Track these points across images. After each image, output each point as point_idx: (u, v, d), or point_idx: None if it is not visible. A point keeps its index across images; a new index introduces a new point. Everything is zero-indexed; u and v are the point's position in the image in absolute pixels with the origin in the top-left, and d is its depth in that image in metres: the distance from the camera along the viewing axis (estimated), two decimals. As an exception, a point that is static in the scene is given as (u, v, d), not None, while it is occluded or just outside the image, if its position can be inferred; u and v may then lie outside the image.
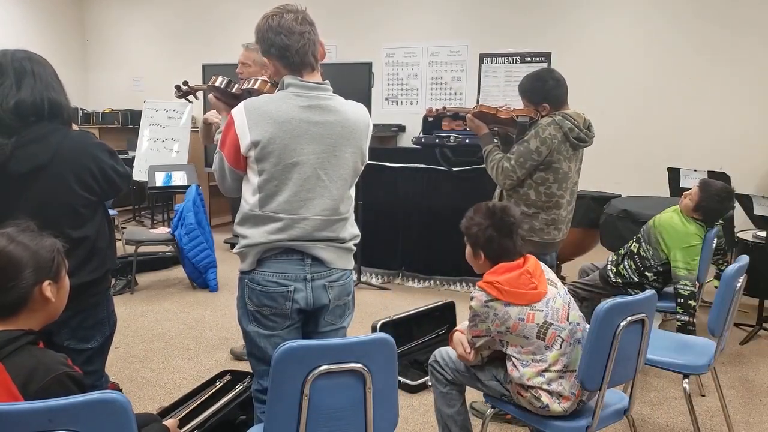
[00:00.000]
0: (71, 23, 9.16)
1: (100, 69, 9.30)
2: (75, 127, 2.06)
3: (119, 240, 5.82)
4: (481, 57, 7.20)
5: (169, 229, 5.22)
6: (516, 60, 6.99)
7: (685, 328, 3.08)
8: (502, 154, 2.87)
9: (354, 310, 2.15)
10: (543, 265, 2.15)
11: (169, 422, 1.78)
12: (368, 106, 5.81)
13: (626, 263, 3.37)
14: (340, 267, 2.01)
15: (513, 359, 2.07)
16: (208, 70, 6.38)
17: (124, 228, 6.21)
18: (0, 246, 1.44)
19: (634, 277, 3.32)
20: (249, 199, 1.93)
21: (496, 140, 3.03)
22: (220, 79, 2.21)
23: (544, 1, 6.84)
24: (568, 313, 2.07)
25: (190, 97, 3.08)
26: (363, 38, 7.67)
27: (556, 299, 2.06)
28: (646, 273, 3.29)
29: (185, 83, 3.14)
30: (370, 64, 5.84)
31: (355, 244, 2.07)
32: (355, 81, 5.84)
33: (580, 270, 3.73)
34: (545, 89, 2.85)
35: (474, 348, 2.16)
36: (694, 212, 3.26)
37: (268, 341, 1.97)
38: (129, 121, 8.61)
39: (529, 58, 6.91)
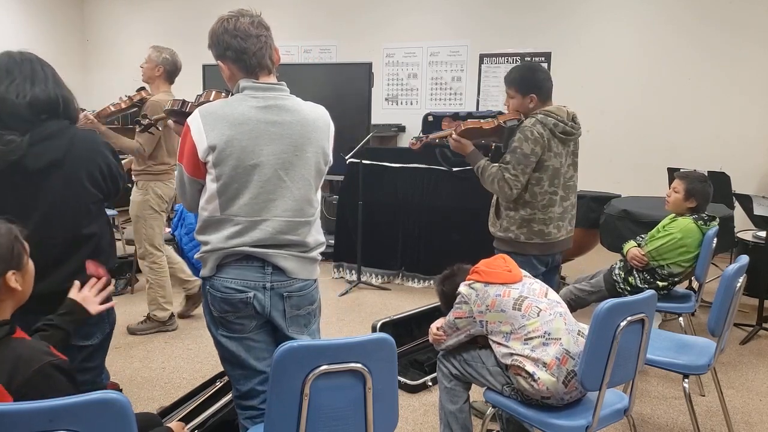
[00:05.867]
0: (71, 23, 9.16)
1: (100, 69, 9.30)
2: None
3: (119, 240, 5.82)
4: (481, 57, 7.20)
5: (169, 229, 5.21)
6: (516, 60, 6.99)
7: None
8: (497, 166, 2.82)
9: (320, 316, 2.12)
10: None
11: (174, 425, 1.77)
12: (368, 106, 5.81)
13: (638, 275, 3.32)
14: (303, 277, 1.97)
15: (497, 338, 2.18)
16: (209, 70, 6.38)
17: (124, 228, 6.20)
18: None
19: (644, 287, 3.27)
20: (208, 206, 1.89)
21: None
22: (177, 102, 2.18)
23: (544, 1, 6.84)
24: (546, 293, 2.24)
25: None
26: (363, 38, 7.66)
27: (533, 284, 2.27)
28: (659, 283, 3.26)
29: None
30: (370, 65, 5.83)
31: (321, 253, 2.03)
32: (355, 81, 5.83)
33: (576, 280, 3.69)
34: (536, 78, 2.84)
35: (453, 329, 2.30)
36: (687, 200, 3.26)
37: (240, 344, 1.95)
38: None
39: (529, 59, 6.90)
